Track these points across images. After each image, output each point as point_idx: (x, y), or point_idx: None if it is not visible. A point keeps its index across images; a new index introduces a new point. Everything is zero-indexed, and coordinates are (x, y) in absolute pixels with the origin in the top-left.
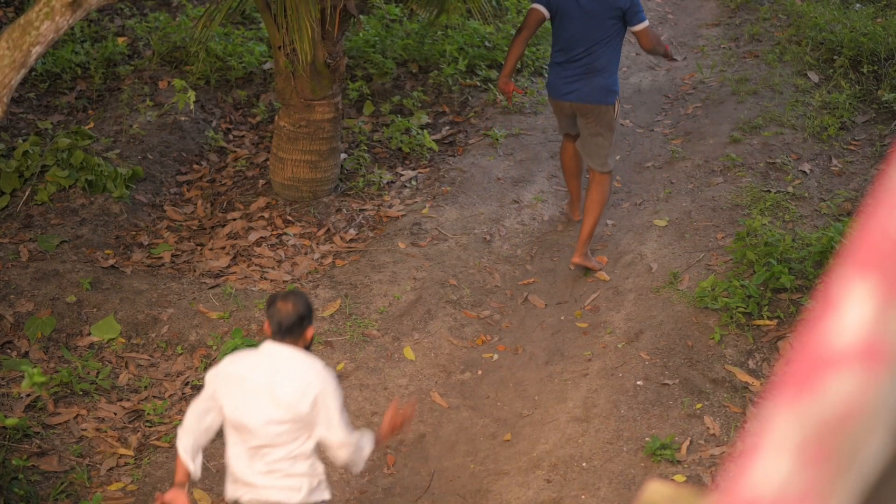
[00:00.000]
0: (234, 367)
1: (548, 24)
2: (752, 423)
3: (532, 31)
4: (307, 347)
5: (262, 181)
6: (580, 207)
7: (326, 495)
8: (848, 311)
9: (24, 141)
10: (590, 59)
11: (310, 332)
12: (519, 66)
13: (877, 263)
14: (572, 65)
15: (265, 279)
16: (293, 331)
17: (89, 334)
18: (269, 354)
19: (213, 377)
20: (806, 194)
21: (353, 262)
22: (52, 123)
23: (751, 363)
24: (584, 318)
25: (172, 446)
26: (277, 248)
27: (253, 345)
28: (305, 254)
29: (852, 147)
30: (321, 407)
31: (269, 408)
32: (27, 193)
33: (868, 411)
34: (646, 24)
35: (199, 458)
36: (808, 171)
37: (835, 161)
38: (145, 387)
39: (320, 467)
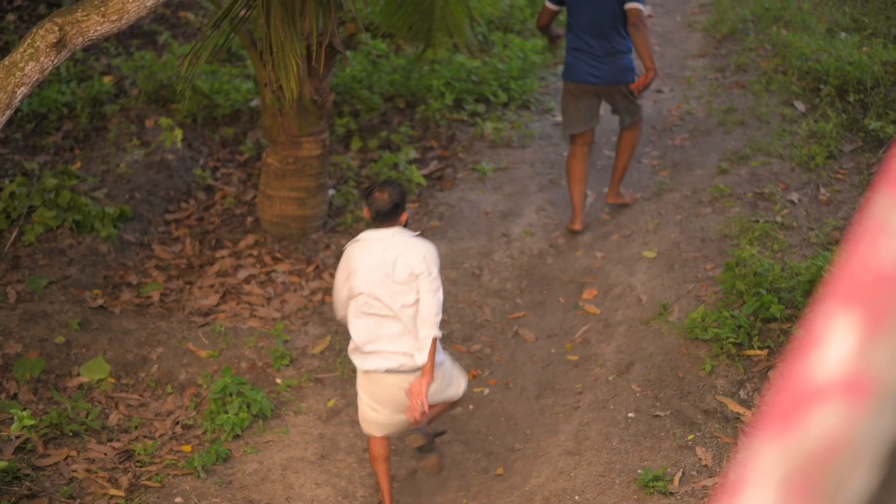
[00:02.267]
0: (354, 259)
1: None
2: (739, 455)
3: (548, 25)
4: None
5: (250, 219)
6: (582, 217)
7: (444, 357)
8: (831, 344)
9: (11, 182)
10: (607, 44)
11: (403, 217)
12: (506, 99)
13: (859, 296)
14: (592, 49)
15: (255, 317)
16: (389, 216)
17: (78, 375)
18: (375, 239)
19: (344, 262)
20: (794, 224)
21: None
22: (38, 164)
23: (742, 393)
24: (574, 351)
25: (163, 486)
26: (266, 286)
27: (243, 383)
28: (295, 291)
29: (840, 176)
30: (428, 261)
31: (389, 281)
32: (14, 234)
33: (852, 445)
34: (638, 5)
35: None
36: (796, 201)
37: (823, 190)
38: (135, 427)
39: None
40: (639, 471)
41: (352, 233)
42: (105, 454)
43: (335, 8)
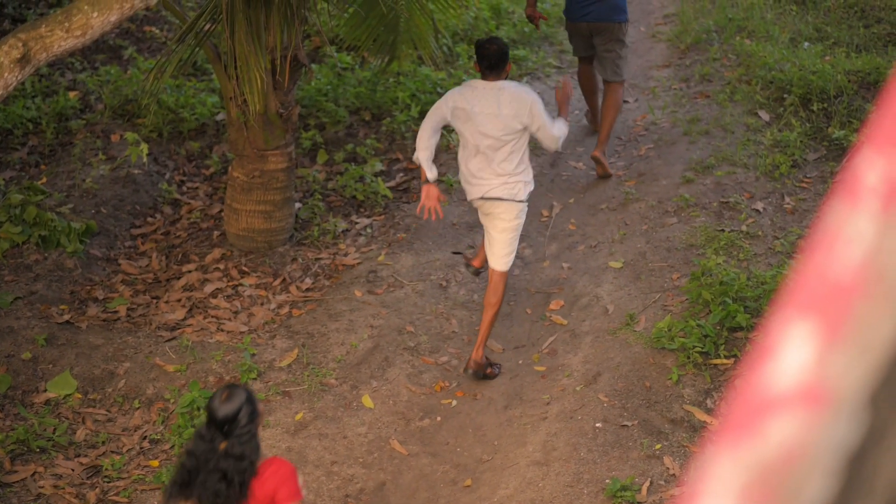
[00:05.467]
0: (458, 101)
1: None
2: (697, 464)
3: None
4: (506, 78)
5: (216, 233)
6: (598, 119)
7: (532, 187)
8: (788, 353)
9: None
10: None
11: (509, 67)
12: None
13: (816, 305)
14: None
15: (222, 331)
16: (498, 66)
17: (45, 391)
18: (484, 88)
19: (442, 108)
20: (760, 233)
21: (309, 312)
22: (3, 179)
23: (709, 402)
24: (541, 361)
25: (131, 501)
26: (233, 299)
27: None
28: (262, 304)
29: (804, 184)
30: (534, 115)
31: (496, 127)
32: None
33: (810, 453)
34: None
35: (434, 167)
36: (761, 210)
37: (787, 199)
38: (103, 442)
39: (530, 169)
40: (607, 481)
41: (319, 246)
42: (72, 470)
43: (299, 21)
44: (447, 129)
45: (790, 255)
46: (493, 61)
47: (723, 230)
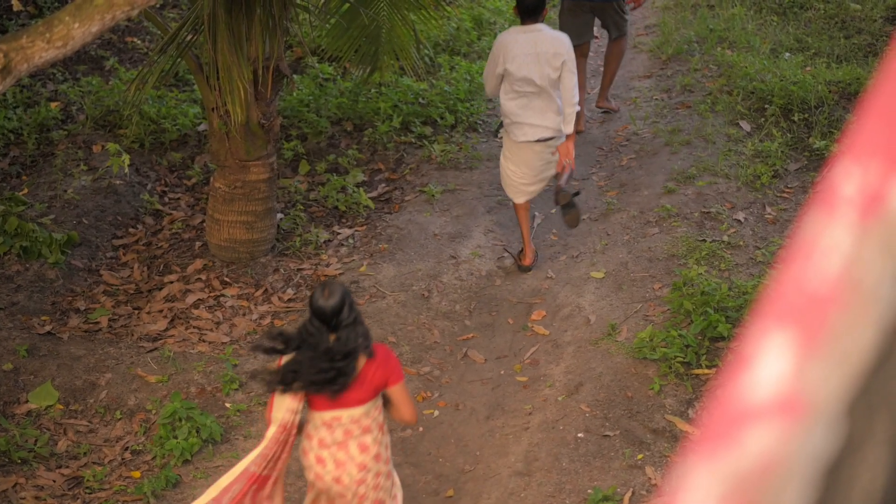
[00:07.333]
0: (507, 40)
1: None
2: (674, 475)
3: None
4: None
5: (198, 243)
6: (584, 119)
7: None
8: (766, 363)
9: None
10: None
11: (545, 12)
12: (453, 121)
13: (793, 315)
14: None
15: (203, 341)
16: (536, 11)
17: (27, 402)
18: (521, 32)
19: (497, 51)
20: (741, 243)
21: (291, 322)
22: None
23: (690, 412)
24: (523, 372)
25: None
26: (215, 310)
27: (192, 408)
28: (244, 315)
29: (785, 195)
30: (568, 53)
31: (537, 64)
32: None
33: (787, 464)
34: None
35: None
36: (742, 220)
37: (769, 209)
38: (84, 453)
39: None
40: (589, 491)
41: (300, 256)
42: (54, 481)
43: (281, 32)
44: (429, 140)
45: (771, 264)
46: (531, 6)
47: (704, 240)
